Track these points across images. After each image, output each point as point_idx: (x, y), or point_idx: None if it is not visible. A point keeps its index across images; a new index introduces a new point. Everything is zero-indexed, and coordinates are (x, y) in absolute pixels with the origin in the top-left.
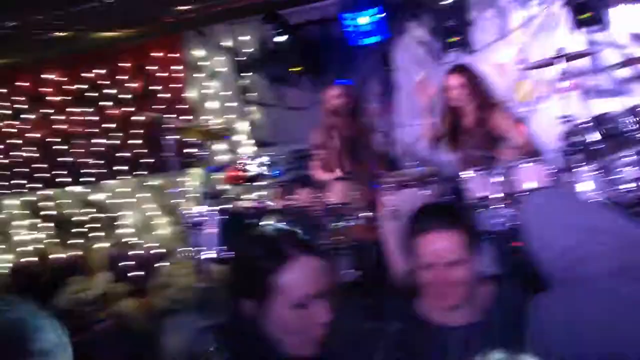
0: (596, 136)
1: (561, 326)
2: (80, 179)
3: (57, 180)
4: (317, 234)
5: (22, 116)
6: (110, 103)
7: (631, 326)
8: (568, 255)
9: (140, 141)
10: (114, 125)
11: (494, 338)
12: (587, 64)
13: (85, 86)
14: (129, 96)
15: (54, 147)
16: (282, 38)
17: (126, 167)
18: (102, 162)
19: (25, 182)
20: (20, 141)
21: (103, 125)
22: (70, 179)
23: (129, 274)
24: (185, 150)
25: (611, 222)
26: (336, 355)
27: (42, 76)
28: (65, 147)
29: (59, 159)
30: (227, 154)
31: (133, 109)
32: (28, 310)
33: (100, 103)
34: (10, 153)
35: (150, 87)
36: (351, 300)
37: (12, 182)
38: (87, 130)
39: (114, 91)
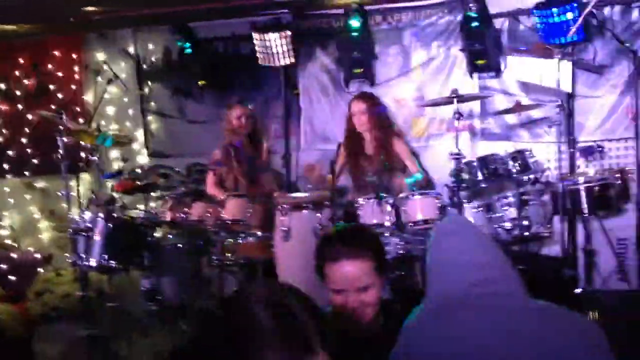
0: (481, 176)
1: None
2: None
3: None
4: (207, 248)
5: None
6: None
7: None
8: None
9: (28, 141)
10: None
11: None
12: (478, 107)
13: None
14: (21, 93)
15: None
16: (189, 50)
17: (10, 166)
18: None
19: None
20: None
21: None
22: None
23: (3, 278)
24: (76, 154)
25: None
26: None
27: None
28: None
29: None
30: (121, 162)
31: (24, 107)
32: None
33: None
34: None
35: (45, 86)
36: None
37: None
38: None
39: (5, 87)
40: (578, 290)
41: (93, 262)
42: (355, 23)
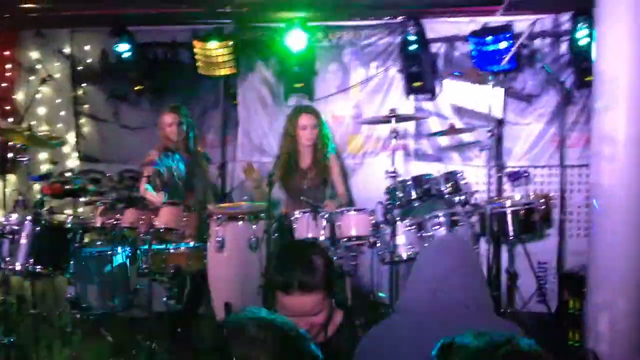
0: (414, 195)
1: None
2: None
3: None
4: (137, 257)
5: None
6: None
7: None
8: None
9: None
10: None
11: None
12: (412, 128)
13: None
14: None
15: None
16: (127, 54)
17: None
18: None
19: None
20: None
21: None
22: None
23: None
24: (4, 153)
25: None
26: None
27: None
28: None
29: None
30: (50, 164)
31: None
32: None
33: None
34: None
35: None
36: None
37: None
38: None
39: None
40: (500, 311)
41: (18, 266)
42: (297, 38)
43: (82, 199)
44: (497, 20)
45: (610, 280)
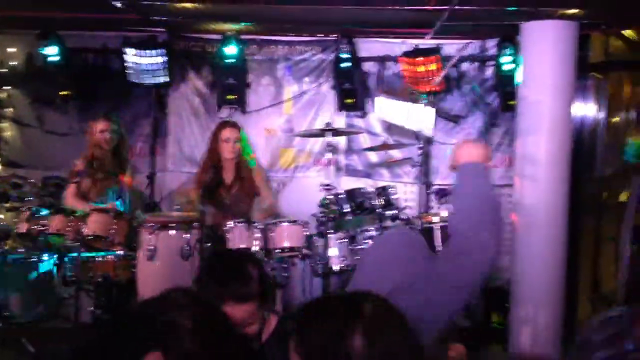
0: (347, 208)
1: None
2: None
3: None
4: (62, 264)
5: None
6: None
7: None
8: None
9: None
10: None
11: None
12: (344, 143)
13: None
14: None
15: None
16: (55, 58)
17: None
18: None
19: None
20: None
21: None
22: None
23: None
24: None
25: None
26: None
27: None
28: None
29: None
30: None
31: None
32: None
33: None
34: None
35: None
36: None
37: None
38: None
39: None
40: None
41: None
42: (231, 50)
43: (4, 205)
44: (427, 42)
45: (532, 294)
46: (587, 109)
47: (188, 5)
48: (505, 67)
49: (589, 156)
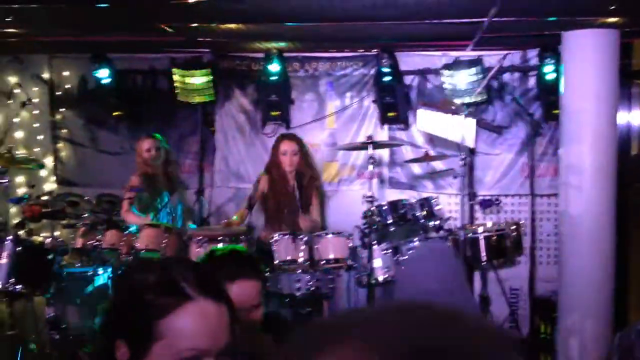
0: (390, 219)
1: None
2: None
3: None
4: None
5: None
6: None
7: None
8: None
9: None
10: None
11: None
12: (387, 156)
13: None
14: None
15: None
16: (107, 81)
17: None
18: None
19: None
20: None
21: None
22: None
23: None
24: None
25: None
26: None
27: None
28: None
29: None
30: (28, 187)
31: None
32: None
33: None
34: None
35: None
36: None
37: None
38: None
39: None
40: None
41: None
42: (274, 68)
43: (60, 222)
44: (467, 54)
45: (579, 305)
46: (631, 117)
47: (232, 26)
48: (548, 77)
49: (636, 165)
